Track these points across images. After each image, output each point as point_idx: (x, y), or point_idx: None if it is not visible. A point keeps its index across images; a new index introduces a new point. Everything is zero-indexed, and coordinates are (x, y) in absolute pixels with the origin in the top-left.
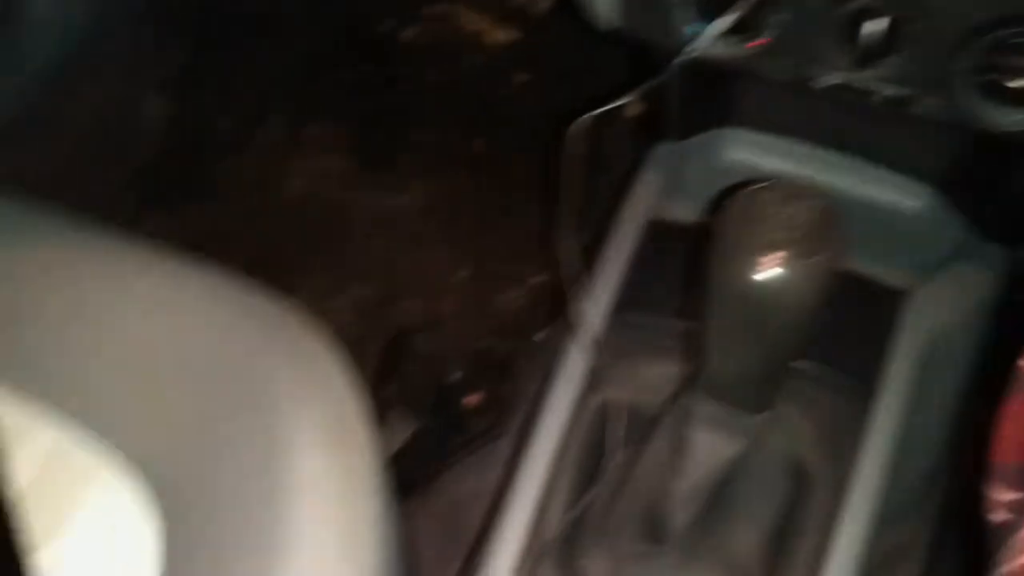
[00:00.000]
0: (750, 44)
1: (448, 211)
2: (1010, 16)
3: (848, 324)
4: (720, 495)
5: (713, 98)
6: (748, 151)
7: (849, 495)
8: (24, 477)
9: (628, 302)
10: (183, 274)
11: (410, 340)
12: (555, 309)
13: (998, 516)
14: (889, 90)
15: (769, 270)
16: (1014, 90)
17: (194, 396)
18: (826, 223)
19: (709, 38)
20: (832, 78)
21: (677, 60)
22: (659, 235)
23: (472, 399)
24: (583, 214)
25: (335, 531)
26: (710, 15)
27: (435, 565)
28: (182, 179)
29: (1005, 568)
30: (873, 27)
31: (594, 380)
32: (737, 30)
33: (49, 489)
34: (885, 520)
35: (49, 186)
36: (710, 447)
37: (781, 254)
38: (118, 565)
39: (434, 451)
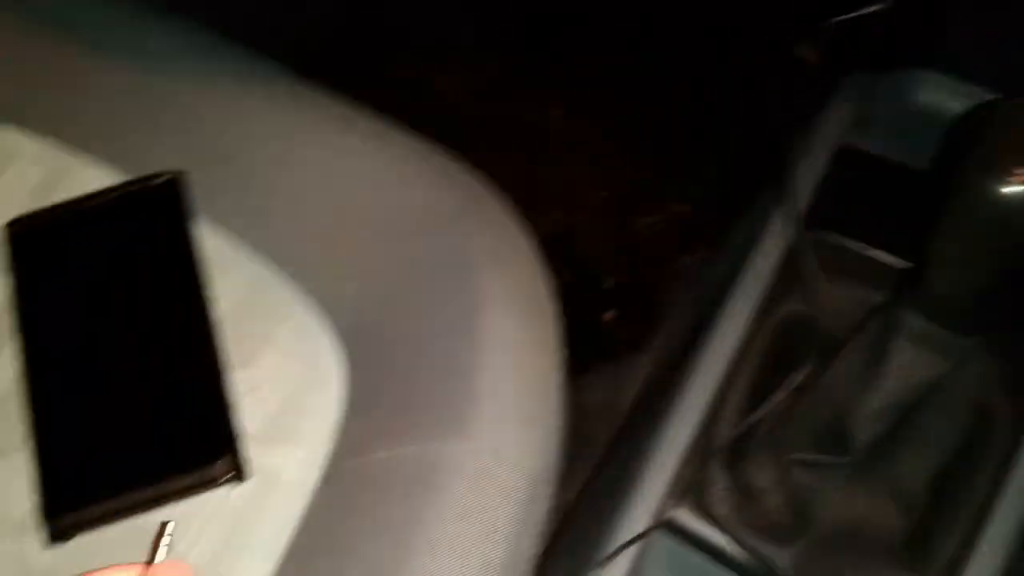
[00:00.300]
0: None
1: (593, 130)
2: None
3: None
4: (905, 417)
5: (916, 36)
6: (944, 95)
7: None
8: (223, 306)
9: (813, 223)
10: (390, 137)
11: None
12: (695, 239)
13: None
14: None
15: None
16: None
17: (390, 251)
18: None
19: None
20: None
21: None
22: (847, 162)
23: (609, 314)
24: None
25: (522, 393)
26: None
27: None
28: (338, 69)
29: None
30: None
31: (776, 293)
32: None
33: (244, 321)
34: None
35: None
36: (910, 365)
37: None
38: (302, 401)
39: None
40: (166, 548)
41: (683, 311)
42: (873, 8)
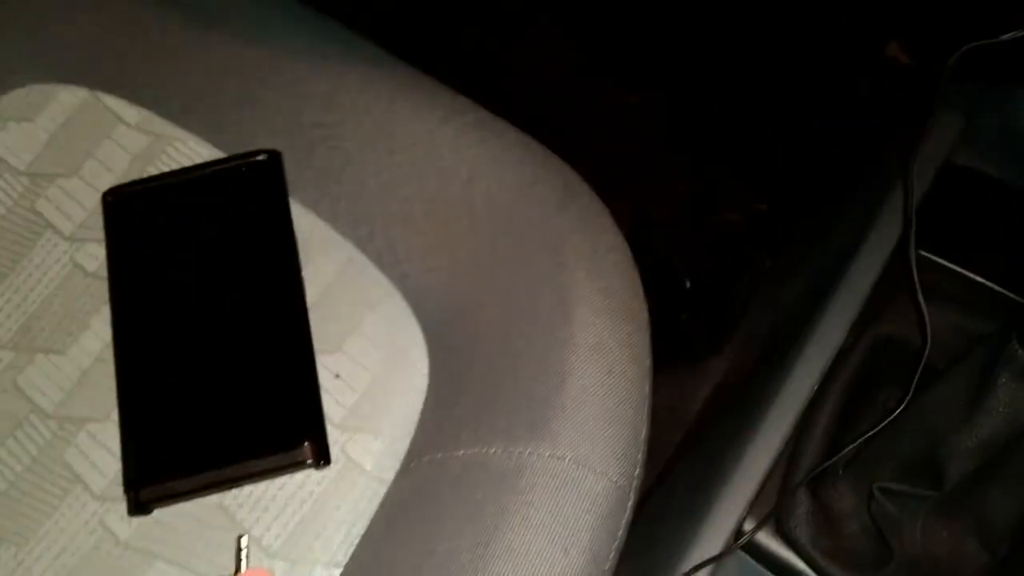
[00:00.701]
0: None
1: (672, 121)
2: None
3: None
4: (1000, 455)
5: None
6: None
7: None
8: (311, 290)
9: (916, 241)
10: (489, 127)
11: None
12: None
13: None
14: None
15: None
16: None
17: (482, 244)
18: None
19: None
20: None
21: None
22: (952, 179)
23: (685, 313)
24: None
25: (611, 401)
26: None
27: None
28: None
29: None
30: None
31: (871, 311)
32: None
33: (331, 306)
34: None
35: None
36: (1012, 401)
37: None
38: (385, 391)
39: None
40: (245, 560)
41: (762, 316)
42: (1017, 34)
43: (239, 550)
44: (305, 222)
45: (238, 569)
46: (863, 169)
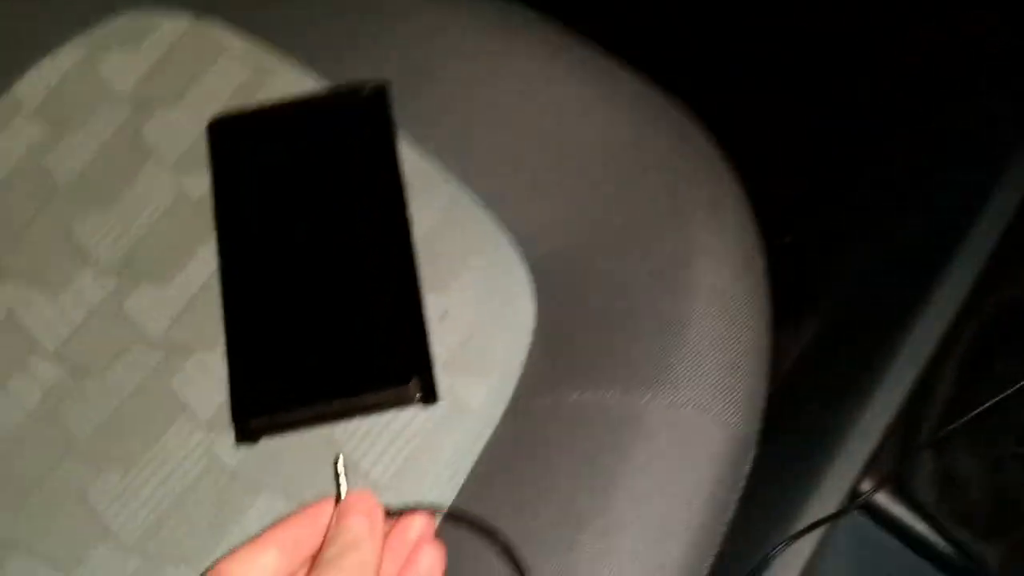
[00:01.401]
0: None
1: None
2: None
3: None
4: None
5: None
6: None
7: None
8: (418, 226)
9: None
10: (601, 67)
11: None
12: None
13: None
14: None
15: None
16: None
17: (594, 186)
18: None
19: None
20: None
21: None
22: None
23: (788, 237)
24: None
25: (733, 350)
26: None
27: None
28: None
29: None
30: None
31: (994, 274)
32: None
33: (438, 244)
34: None
35: None
36: None
37: None
38: (491, 332)
39: None
40: (344, 480)
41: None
42: None
43: (337, 474)
44: (411, 157)
45: (338, 488)
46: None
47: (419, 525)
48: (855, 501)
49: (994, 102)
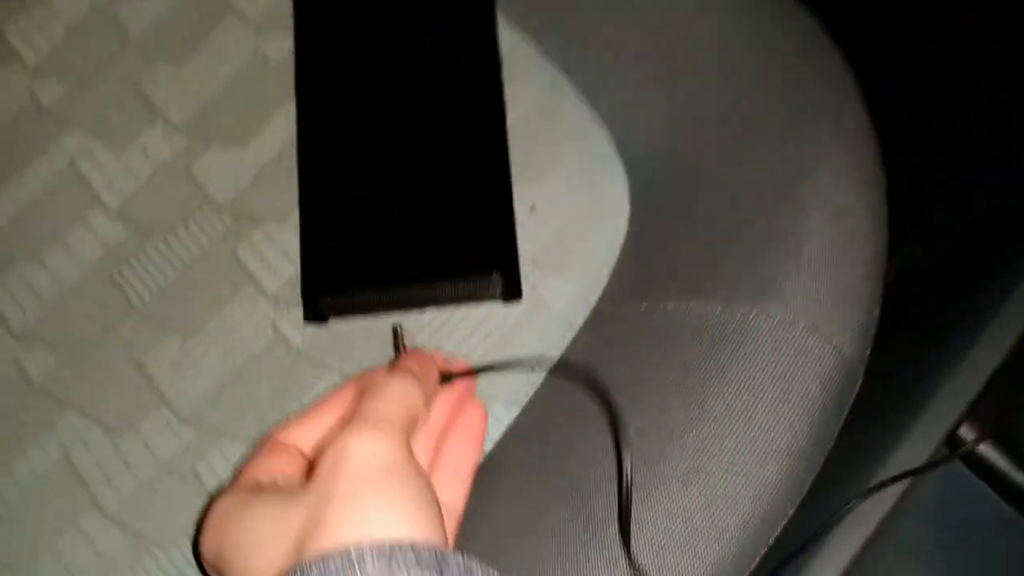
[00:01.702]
0: None
1: None
2: None
3: None
4: None
5: None
6: None
7: None
8: (511, 113)
9: None
10: None
11: None
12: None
13: None
14: None
15: None
16: None
17: (705, 85)
18: None
19: None
20: None
21: None
22: None
23: None
24: None
25: (848, 271)
26: None
27: None
28: None
29: None
30: None
31: None
32: None
33: (531, 133)
34: None
35: None
36: None
37: None
38: (582, 231)
39: None
40: (402, 341)
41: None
42: None
43: (397, 336)
44: (509, 37)
45: (398, 353)
46: None
47: (461, 385)
48: (958, 449)
49: (994, 102)
